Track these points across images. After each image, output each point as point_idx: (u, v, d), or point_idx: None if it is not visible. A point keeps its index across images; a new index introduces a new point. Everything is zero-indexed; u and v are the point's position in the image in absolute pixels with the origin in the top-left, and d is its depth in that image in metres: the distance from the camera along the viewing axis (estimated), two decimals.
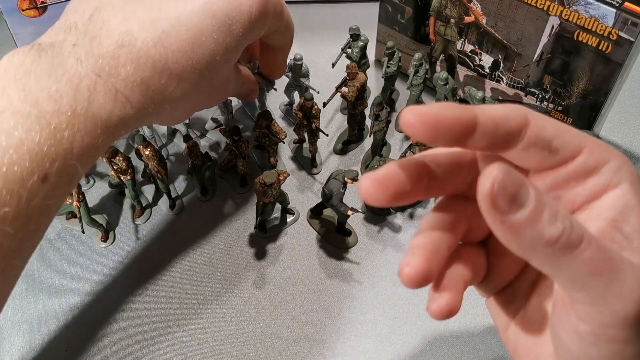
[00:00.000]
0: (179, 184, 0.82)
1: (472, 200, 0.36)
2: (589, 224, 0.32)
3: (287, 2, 1.03)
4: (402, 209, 0.78)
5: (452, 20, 0.83)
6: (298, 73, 0.84)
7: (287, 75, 0.84)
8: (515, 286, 0.38)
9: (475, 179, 0.33)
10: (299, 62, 0.82)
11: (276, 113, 0.90)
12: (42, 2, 0.73)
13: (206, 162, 0.83)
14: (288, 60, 0.78)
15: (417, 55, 0.84)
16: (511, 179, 0.27)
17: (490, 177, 0.27)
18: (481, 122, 0.31)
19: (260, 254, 0.74)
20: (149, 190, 0.81)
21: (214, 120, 0.88)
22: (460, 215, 0.37)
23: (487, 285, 0.39)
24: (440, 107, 0.31)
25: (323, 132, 0.81)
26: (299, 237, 0.76)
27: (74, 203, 0.70)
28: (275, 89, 0.81)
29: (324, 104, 0.81)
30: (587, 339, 0.30)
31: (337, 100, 0.89)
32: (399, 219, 0.78)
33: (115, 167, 0.73)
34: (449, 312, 0.34)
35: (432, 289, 0.35)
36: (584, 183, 0.32)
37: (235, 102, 0.90)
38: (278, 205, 0.76)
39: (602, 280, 0.28)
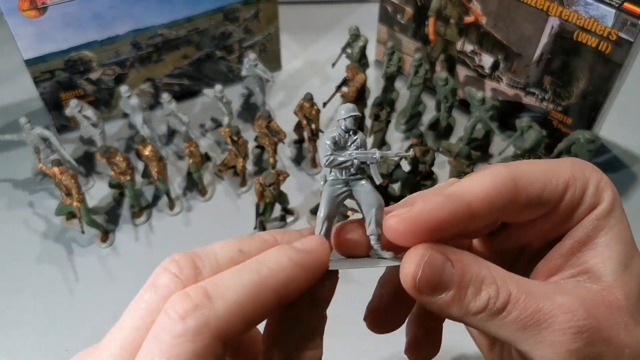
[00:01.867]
0: (179, 184, 0.82)
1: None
2: (559, 246, 0.33)
3: (287, 2, 1.04)
4: None
5: (452, 21, 0.83)
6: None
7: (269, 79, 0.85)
8: None
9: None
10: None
11: (275, 112, 0.91)
12: (43, 3, 0.73)
13: (206, 162, 0.83)
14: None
15: (417, 55, 0.84)
16: (433, 265, 0.28)
17: (413, 262, 0.29)
18: (475, 208, 0.30)
19: None
20: (149, 190, 0.81)
21: (214, 120, 0.88)
22: None
23: None
24: (431, 208, 0.29)
25: (323, 133, 0.81)
26: None
27: (74, 203, 0.70)
28: (273, 81, 0.84)
29: (324, 104, 0.81)
30: None
31: (337, 100, 0.89)
32: None
33: (115, 168, 0.73)
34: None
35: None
36: (572, 216, 0.33)
37: (235, 102, 0.90)
38: (278, 205, 0.76)
39: (532, 332, 0.29)
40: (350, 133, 0.32)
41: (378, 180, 0.32)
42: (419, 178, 0.78)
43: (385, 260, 0.31)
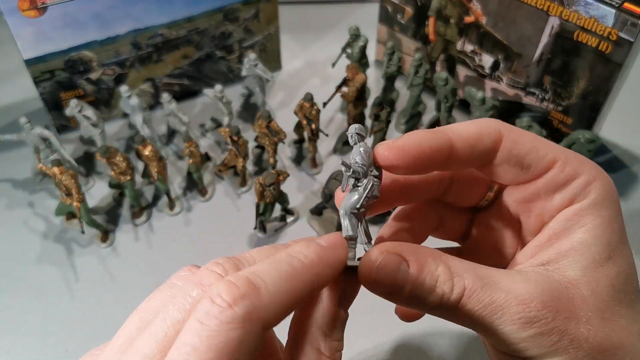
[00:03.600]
0: (179, 184, 0.82)
1: (446, 204, 0.39)
2: (540, 234, 0.34)
3: (287, 2, 1.04)
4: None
5: (452, 21, 0.83)
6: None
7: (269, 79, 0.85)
8: None
9: (446, 186, 0.37)
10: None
11: (275, 112, 0.91)
12: (42, 3, 0.73)
13: (206, 162, 0.83)
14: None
15: (417, 55, 0.84)
16: (386, 268, 0.31)
17: (367, 267, 0.31)
18: (456, 146, 0.32)
19: None
20: (149, 191, 0.81)
21: (214, 120, 0.88)
22: (429, 211, 0.39)
23: None
24: (414, 138, 0.32)
25: (323, 133, 0.81)
26: (299, 237, 0.76)
27: (74, 203, 0.70)
28: (273, 81, 0.84)
29: (324, 104, 0.81)
30: None
31: (337, 100, 0.89)
32: None
33: (115, 168, 0.73)
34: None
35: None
36: (551, 199, 0.34)
37: (235, 102, 0.90)
38: (278, 205, 0.76)
39: (484, 323, 0.31)
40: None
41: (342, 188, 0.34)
42: None
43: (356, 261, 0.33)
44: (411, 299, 0.31)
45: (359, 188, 0.32)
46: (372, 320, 0.68)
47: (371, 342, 0.67)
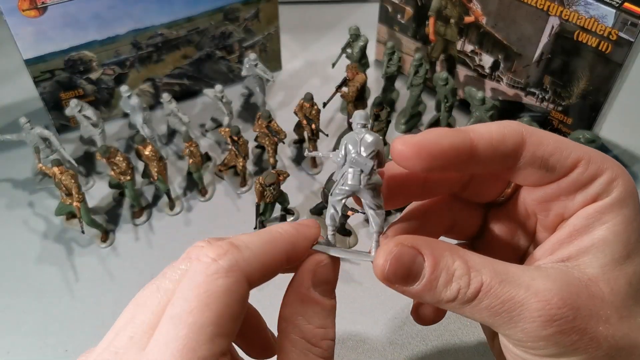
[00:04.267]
0: (179, 184, 0.82)
1: (459, 200, 0.38)
2: (560, 229, 0.34)
3: (287, 2, 1.04)
4: (402, 210, 0.78)
5: (452, 21, 0.83)
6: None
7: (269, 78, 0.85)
8: None
9: (465, 182, 0.36)
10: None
11: (275, 112, 0.91)
12: (42, 2, 0.73)
13: (206, 162, 0.83)
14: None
15: (417, 55, 0.84)
16: (402, 259, 0.31)
17: (382, 257, 0.31)
18: (477, 147, 0.31)
19: None
20: (149, 190, 0.81)
21: (214, 120, 0.88)
22: (442, 210, 0.39)
23: None
24: (435, 135, 0.31)
25: (323, 133, 0.81)
26: None
27: (74, 203, 0.70)
28: (273, 81, 0.84)
29: (324, 104, 0.81)
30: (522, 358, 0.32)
31: (337, 100, 0.89)
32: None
33: (115, 168, 0.73)
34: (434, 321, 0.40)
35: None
36: (573, 197, 0.33)
37: (235, 102, 0.90)
38: (278, 205, 0.76)
39: (504, 318, 0.30)
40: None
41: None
42: None
43: (364, 254, 0.34)
44: (426, 293, 0.31)
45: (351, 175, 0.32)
46: (372, 320, 0.68)
47: (372, 343, 0.67)
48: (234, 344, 0.38)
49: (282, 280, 0.35)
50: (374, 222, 0.33)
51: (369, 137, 0.32)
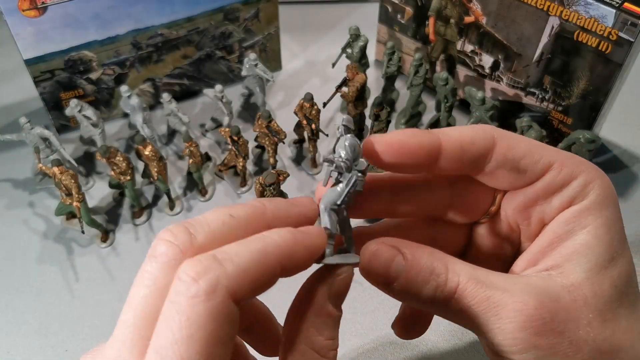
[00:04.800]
0: (179, 184, 0.82)
1: (438, 221, 0.38)
2: (541, 237, 0.34)
3: (287, 2, 1.04)
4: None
5: (452, 21, 0.83)
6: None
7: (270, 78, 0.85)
8: None
9: (446, 203, 0.37)
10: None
11: (275, 112, 0.91)
12: (42, 2, 0.73)
13: (206, 162, 0.83)
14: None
15: (417, 55, 0.84)
16: (380, 258, 0.32)
17: (364, 255, 0.32)
18: (445, 147, 0.32)
19: None
20: (149, 191, 0.81)
21: (214, 120, 0.88)
22: (420, 227, 0.39)
23: None
24: (404, 134, 0.32)
25: (323, 133, 0.81)
26: None
27: (74, 203, 0.70)
28: (273, 81, 0.84)
29: (324, 104, 0.81)
30: None
31: (337, 100, 0.89)
32: None
33: (115, 168, 0.73)
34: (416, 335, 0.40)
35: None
36: (550, 201, 0.33)
37: (235, 102, 0.90)
38: None
39: (479, 321, 0.31)
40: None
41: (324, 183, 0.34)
42: None
43: (352, 256, 0.34)
44: (405, 290, 0.32)
45: (341, 183, 0.32)
46: (372, 320, 0.69)
47: (372, 343, 0.67)
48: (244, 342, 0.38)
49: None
50: (350, 229, 0.34)
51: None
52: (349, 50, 0.87)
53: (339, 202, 0.32)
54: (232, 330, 0.27)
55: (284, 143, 0.79)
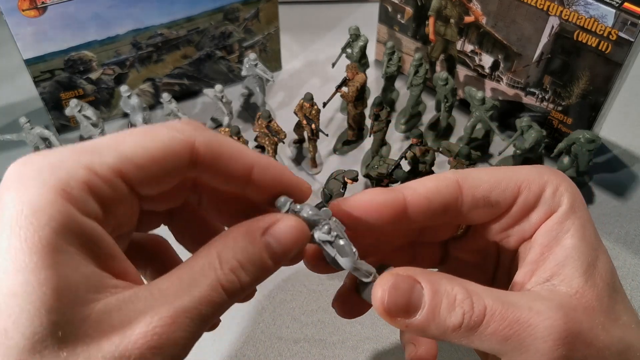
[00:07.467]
0: None
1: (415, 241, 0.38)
2: (529, 253, 0.34)
3: (287, 2, 1.04)
4: None
5: (452, 20, 0.83)
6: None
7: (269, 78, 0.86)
8: None
9: (417, 229, 0.37)
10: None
11: (275, 112, 0.91)
12: (42, 2, 0.73)
13: None
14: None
15: (417, 55, 0.84)
16: (399, 290, 0.30)
17: (379, 292, 0.30)
18: (411, 201, 0.32)
19: None
20: None
21: (214, 120, 0.88)
22: (403, 247, 0.39)
23: None
24: (368, 195, 0.32)
25: (323, 133, 0.81)
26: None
27: None
28: (273, 81, 0.84)
29: (324, 104, 0.81)
30: None
31: (337, 100, 0.89)
32: None
33: None
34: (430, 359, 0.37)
35: (406, 342, 0.39)
36: (528, 218, 0.34)
37: (235, 102, 0.90)
38: None
39: (513, 344, 0.29)
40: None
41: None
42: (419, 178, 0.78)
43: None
44: (430, 322, 0.30)
45: (338, 240, 0.31)
46: (372, 320, 0.68)
47: (372, 344, 0.67)
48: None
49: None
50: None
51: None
52: (349, 50, 0.87)
53: (354, 251, 0.32)
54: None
55: (284, 143, 0.79)
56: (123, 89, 0.80)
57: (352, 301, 0.37)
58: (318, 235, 0.31)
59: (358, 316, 0.38)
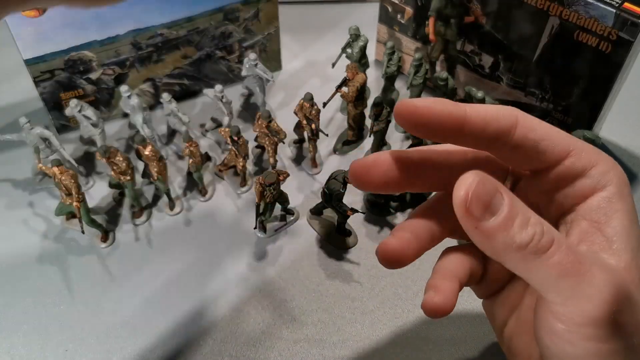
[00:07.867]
0: (179, 184, 0.82)
1: None
2: (574, 225, 0.34)
3: (287, 2, 1.04)
4: (402, 209, 0.78)
5: (452, 20, 0.83)
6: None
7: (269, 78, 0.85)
8: (509, 287, 0.39)
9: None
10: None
11: (275, 112, 0.91)
12: None
13: (206, 162, 0.83)
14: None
15: (417, 55, 0.84)
16: (485, 187, 0.29)
17: (465, 184, 0.29)
18: (470, 119, 0.33)
19: (260, 254, 0.74)
20: (149, 190, 0.81)
21: (214, 120, 0.88)
22: (450, 210, 0.37)
23: (483, 286, 0.40)
24: (433, 102, 0.32)
25: (323, 133, 0.81)
26: (299, 237, 0.76)
27: (74, 203, 0.70)
28: (273, 81, 0.84)
29: (324, 104, 0.81)
30: (563, 337, 0.31)
31: (337, 100, 0.89)
32: (398, 219, 0.78)
33: (115, 168, 0.73)
34: (443, 311, 0.34)
35: (428, 287, 0.36)
36: (572, 185, 0.34)
37: (235, 102, 0.90)
38: (278, 205, 0.76)
39: (571, 282, 0.29)
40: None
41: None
42: None
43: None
44: (501, 231, 0.29)
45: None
46: (372, 320, 0.69)
47: (372, 343, 0.67)
48: None
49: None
50: None
51: None
52: (349, 50, 0.87)
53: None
54: None
55: (284, 143, 0.79)
56: (123, 89, 0.80)
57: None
58: None
59: (402, 266, 0.36)
